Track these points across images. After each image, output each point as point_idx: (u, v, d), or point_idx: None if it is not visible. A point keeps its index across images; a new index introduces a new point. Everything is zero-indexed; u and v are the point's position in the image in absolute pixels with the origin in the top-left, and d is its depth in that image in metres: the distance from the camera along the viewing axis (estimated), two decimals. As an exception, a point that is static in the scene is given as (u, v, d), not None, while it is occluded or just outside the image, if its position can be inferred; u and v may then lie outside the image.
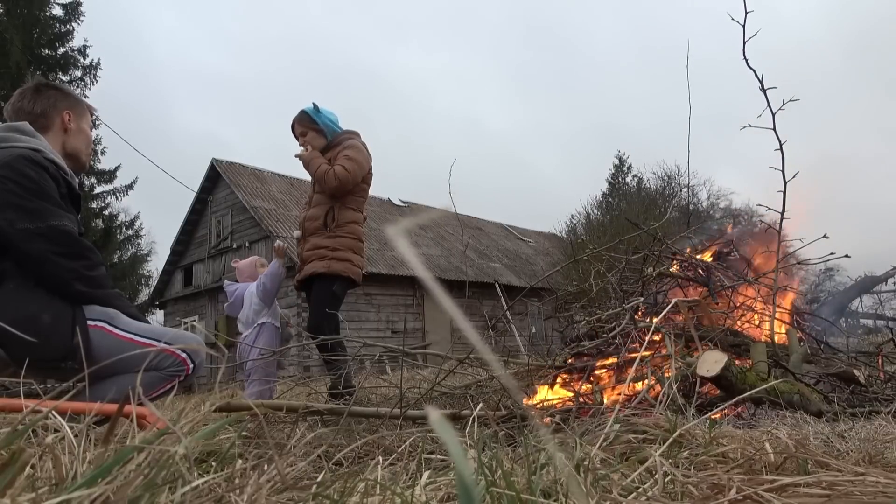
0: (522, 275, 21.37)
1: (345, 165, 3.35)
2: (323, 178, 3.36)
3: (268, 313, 3.55)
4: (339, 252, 3.40)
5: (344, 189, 3.41)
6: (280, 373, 3.84)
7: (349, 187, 3.42)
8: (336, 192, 3.42)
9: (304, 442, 1.24)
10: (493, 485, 0.82)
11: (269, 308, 3.56)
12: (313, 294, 3.45)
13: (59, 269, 1.92)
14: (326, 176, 3.35)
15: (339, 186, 3.37)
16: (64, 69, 20.83)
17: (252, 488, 0.76)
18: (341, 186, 3.37)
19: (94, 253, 2.07)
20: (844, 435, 1.56)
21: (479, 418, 1.29)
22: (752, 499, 0.79)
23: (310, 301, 3.54)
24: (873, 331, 5.50)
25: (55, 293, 1.94)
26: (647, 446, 1.11)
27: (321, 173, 3.37)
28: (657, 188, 31.39)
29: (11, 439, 0.70)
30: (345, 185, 3.38)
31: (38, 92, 2.19)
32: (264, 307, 3.54)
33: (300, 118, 3.57)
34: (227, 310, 3.90)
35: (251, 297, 3.57)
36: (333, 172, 3.34)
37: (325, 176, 3.35)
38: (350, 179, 3.38)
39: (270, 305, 3.57)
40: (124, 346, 1.99)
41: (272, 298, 3.57)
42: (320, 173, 3.37)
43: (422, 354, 3.97)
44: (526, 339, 14.67)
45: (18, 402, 1.21)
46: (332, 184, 3.35)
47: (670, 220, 3.76)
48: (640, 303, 2.80)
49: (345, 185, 3.38)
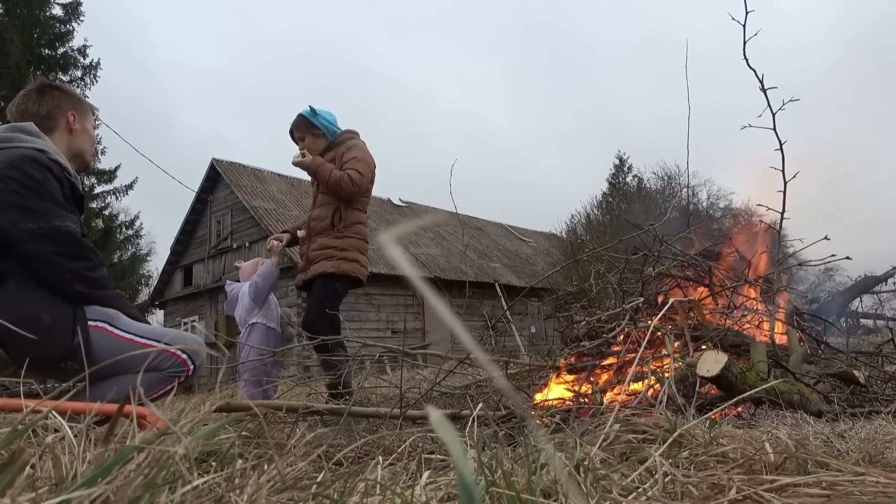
0: (522, 275, 21.37)
1: (358, 169, 3.36)
2: (338, 183, 3.34)
3: (259, 313, 3.51)
4: (347, 252, 3.40)
5: (360, 193, 3.42)
6: (282, 373, 3.82)
7: (364, 190, 3.43)
8: (351, 197, 3.42)
9: (304, 442, 1.24)
10: (493, 485, 0.82)
11: (260, 308, 3.53)
12: (314, 290, 3.43)
13: (61, 270, 1.92)
14: (342, 182, 3.33)
15: (356, 191, 3.38)
16: (64, 69, 20.83)
17: (252, 488, 0.76)
18: (359, 191, 3.39)
19: (96, 254, 2.07)
20: (844, 435, 1.56)
21: (479, 418, 1.29)
22: (752, 499, 0.79)
23: (310, 298, 3.52)
24: (873, 331, 5.50)
25: (56, 294, 1.94)
26: (647, 446, 1.11)
27: (335, 179, 3.35)
28: (657, 188, 31.38)
29: (11, 439, 0.70)
30: (361, 189, 3.40)
31: (42, 93, 2.19)
32: (255, 307, 3.51)
33: (297, 123, 3.55)
34: (225, 309, 3.89)
35: (243, 297, 3.55)
36: (349, 177, 3.33)
37: (340, 182, 3.34)
38: (364, 182, 3.39)
39: (262, 305, 3.54)
40: (124, 347, 1.99)
41: (264, 298, 3.55)
42: (334, 179, 3.35)
43: (422, 354, 3.97)
44: (526, 339, 14.67)
45: (18, 402, 1.21)
46: (349, 189, 3.35)
47: (670, 220, 3.76)
48: (639, 303, 2.80)
49: (361, 189, 3.40)
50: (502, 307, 3.58)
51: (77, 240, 1.98)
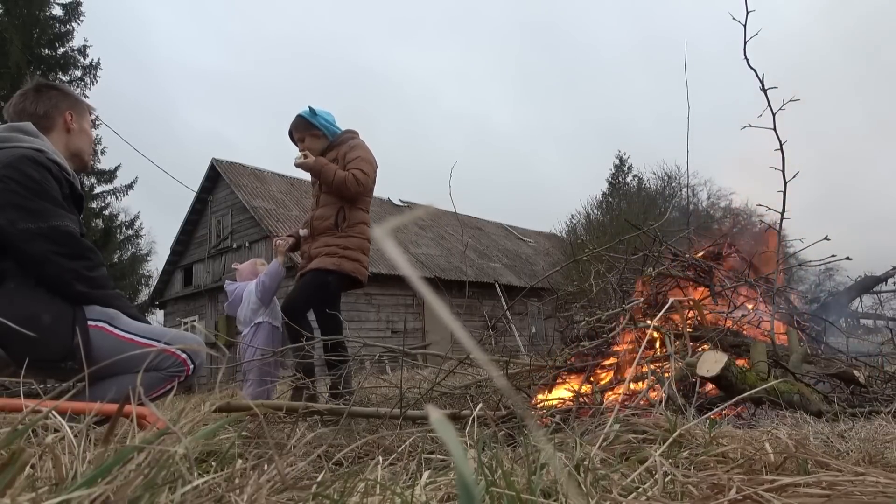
0: (522, 275, 21.36)
1: (363, 169, 3.37)
2: (343, 184, 3.34)
3: (265, 312, 3.53)
4: (350, 251, 3.41)
5: (365, 193, 3.43)
6: (283, 372, 3.83)
7: (369, 189, 3.44)
8: (356, 197, 3.43)
9: (304, 442, 1.24)
10: (493, 485, 0.82)
11: (266, 307, 3.54)
12: (304, 278, 3.42)
13: (60, 270, 1.92)
14: (347, 181, 3.34)
15: (361, 191, 3.39)
16: (64, 69, 20.82)
17: (252, 488, 0.76)
18: (364, 191, 3.40)
19: (95, 253, 2.07)
20: (844, 435, 1.56)
21: (479, 418, 1.29)
22: (752, 499, 0.79)
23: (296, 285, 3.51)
24: (873, 331, 5.49)
25: (56, 293, 1.94)
26: (647, 446, 1.11)
27: (340, 179, 3.35)
28: (657, 188, 31.38)
29: (11, 439, 0.70)
30: (366, 189, 3.41)
31: (40, 92, 2.19)
32: (262, 306, 3.52)
33: (297, 124, 3.55)
34: (227, 308, 3.89)
35: (249, 296, 3.56)
36: (353, 177, 3.34)
37: (345, 182, 3.34)
38: (369, 182, 3.41)
39: (268, 305, 3.55)
40: (124, 347, 1.98)
41: (270, 297, 3.56)
42: (339, 179, 3.35)
43: (422, 354, 3.97)
44: (526, 339, 14.66)
45: (18, 402, 1.21)
46: (355, 189, 3.35)
47: (670, 220, 3.76)
48: (639, 303, 2.80)
49: (366, 189, 3.41)
50: (502, 307, 3.57)
51: (76, 239, 1.98)
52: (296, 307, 3.32)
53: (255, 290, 3.52)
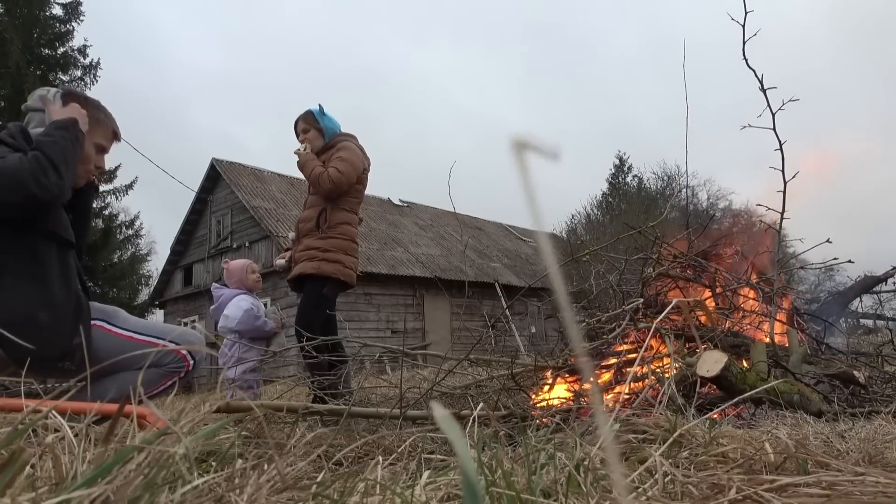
0: (522, 275, 21.36)
1: (338, 167, 3.37)
2: (318, 180, 3.39)
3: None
4: (329, 253, 3.41)
5: (339, 191, 3.43)
6: (280, 372, 3.87)
7: (344, 189, 3.44)
8: (331, 194, 3.44)
9: (304, 442, 1.24)
10: (493, 485, 0.82)
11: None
12: (304, 294, 3.46)
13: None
14: (321, 178, 3.38)
15: (333, 188, 3.39)
16: (64, 69, 20.84)
17: (252, 488, 0.76)
18: (336, 188, 3.39)
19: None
20: (844, 435, 1.56)
21: (479, 418, 1.29)
22: (752, 499, 0.79)
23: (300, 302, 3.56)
24: (873, 331, 5.50)
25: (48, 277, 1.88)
26: (647, 446, 1.11)
27: (315, 175, 3.39)
28: (657, 188, 31.40)
29: (11, 439, 0.70)
30: (339, 187, 3.40)
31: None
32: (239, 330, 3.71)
33: (305, 116, 3.61)
34: (210, 313, 3.99)
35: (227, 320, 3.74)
36: (327, 175, 3.36)
37: (319, 178, 3.39)
38: (344, 181, 3.39)
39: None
40: (124, 345, 1.98)
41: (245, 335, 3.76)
42: (315, 175, 3.40)
43: (422, 354, 3.97)
44: (526, 338, 14.65)
45: (18, 401, 1.21)
46: (327, 186, 3.37)
47: (670, 220, 3.76)
48: (639, 304, 2.80)
49: (339, 187, 3.40)
50: (502, 307, 3.58)
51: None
52: (303, 325, 3.33)
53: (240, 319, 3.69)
